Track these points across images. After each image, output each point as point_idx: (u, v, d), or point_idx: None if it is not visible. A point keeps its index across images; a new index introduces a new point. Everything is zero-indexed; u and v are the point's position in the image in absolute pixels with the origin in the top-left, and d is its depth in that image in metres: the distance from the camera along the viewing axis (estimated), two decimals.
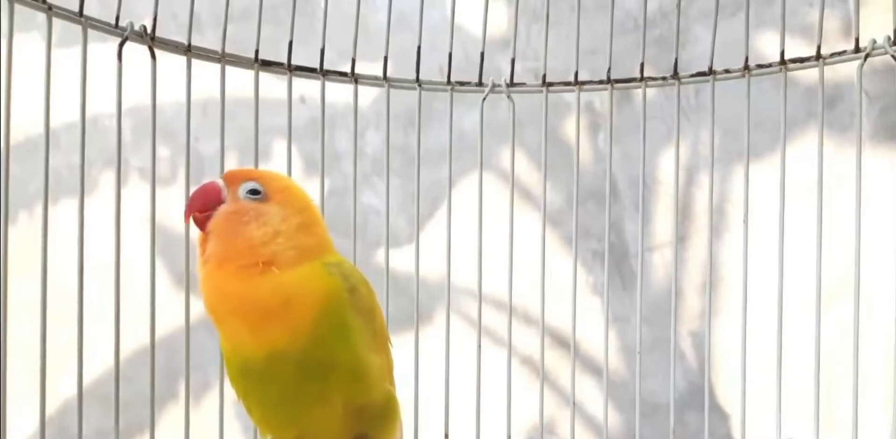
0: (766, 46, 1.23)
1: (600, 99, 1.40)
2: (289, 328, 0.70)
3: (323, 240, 0.76)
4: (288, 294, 0.71)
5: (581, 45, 1.02)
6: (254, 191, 0.74)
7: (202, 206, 0.75)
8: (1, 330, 0.74)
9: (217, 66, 0.93)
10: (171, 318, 0.92)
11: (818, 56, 0.95)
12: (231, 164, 1.01)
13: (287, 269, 0.72)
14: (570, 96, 1.23)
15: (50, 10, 0.80)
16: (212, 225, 0.74)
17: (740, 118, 0.97)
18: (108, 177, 1.50)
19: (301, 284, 0.72)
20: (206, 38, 1.06)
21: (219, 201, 0.75)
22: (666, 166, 1.36)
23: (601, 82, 1.02)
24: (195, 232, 0.76)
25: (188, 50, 0.91)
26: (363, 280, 0.77)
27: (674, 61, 1.01)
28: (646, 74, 1.02)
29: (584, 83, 1.03)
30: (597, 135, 1.42)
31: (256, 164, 0.95)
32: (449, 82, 1.02)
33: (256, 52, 0.95)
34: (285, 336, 0.70)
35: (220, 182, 0.76)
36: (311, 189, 0.89)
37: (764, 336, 0.97)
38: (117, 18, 0.86)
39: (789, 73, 0.97)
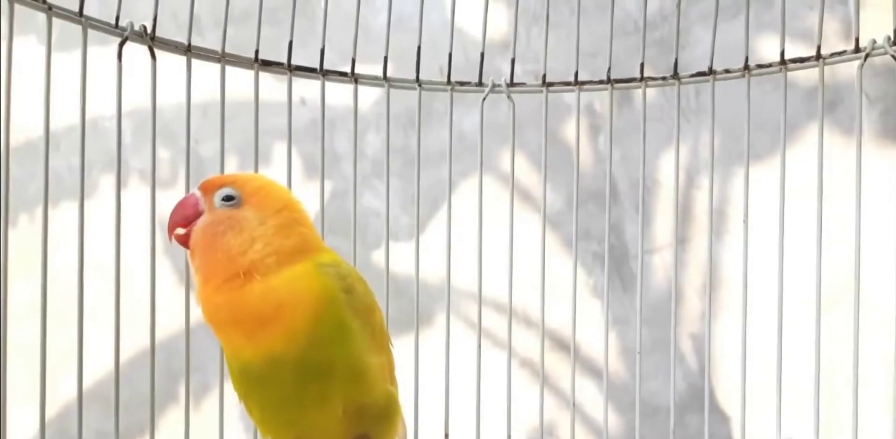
0: (766, 49, 1.23)
1: (600, 100, 1.40)
2: (284, 332, 0.70)
3: (306, 240, 0.75)
4: (279, 298, 0.70)
5: (581, 46, 1.03)
6: (228, 198, 0.73)
7: (182, 221, 0.74)
8: (1, 331, 0.74)
9: (217, 67, 0.93)
10: (171, 320, 0.92)
11: (818, 56, 0.95)
12: (231, 166, 1.01)
13: (270, 275, 0.71)
14: (570, 97, 1.23)
15: (50, 11, 0.80)
16: (192, 240, 0.73)
17: (740, 119, 0.98)
18: (109, 179, 1.50)
19: (292, 287, 0.71)
20: (206, 39, 1.06)
21: (197, 213, 0.74)
22: (666, 168, 1.36)
23: (601, 82, 1.03)
24: None
25: (188, 50, 0.91)
26: (360, 280, 0.76)
27: (674, 62, 1.01)
28: (645, 75, 1.02)
29: (584, 83, 1.03)
30: (597, 136, 1.42)
31: (256, 166, 0.95)
32: (449, 82, 1.03)
33: (256, 52, 0.95)
34: (281, 340, 0.70)
35: (198, 193, 0.75)
36: (311, 190, 0.89)
37: (764, 337, 0.97)
38: (117, 18, 0.86)
39: (789, 75, 0.97)
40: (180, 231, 0.74)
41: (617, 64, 1.03)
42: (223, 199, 0.73)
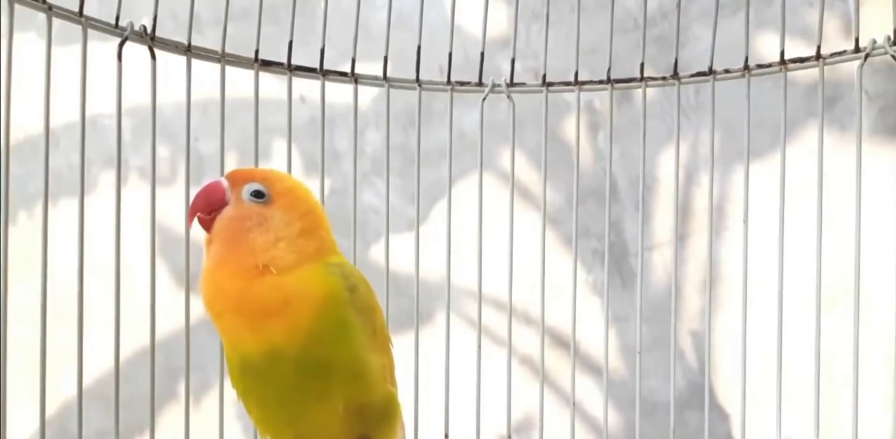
0: (766, 46, 1.23)
1: (600, 98, 1.40)
2: (287, 325, 0.70)
3: (325, 243, 0.76)
4: (287, 293, 0.71)
5: (581, 44, 1.02)
6: (257, 194, 0.74)
7: (205, 207, 0.74)
8: (1, 330, 0.74)
9: (217, 66, 0.93)
10: (170, 318, 0.92)
11: (818, 56, 0.95)
12: (231, 164, 1.01)
13: (285, 272, 0.71)
14: (570, 96, 1.23)
15: (50, 10, 0.80)
16: (215, 229, 0.74)
17: (740, 118, 0.98)
18: (108, 177, 1.50)
19: (300, 284, 0.71)
20: (206, 38, 1.06)
21: (222, 202, 0.74)
22: (666, 165, 1.36)
23: (601, 82, 1.03)
24: (196, 231, 0.76)
25: (188, 50, 0.91)
26: (363, 279, 0.77)
27: (674, 61, 1.01)
28: (646, 74, 1.02)
29: (584, 83, 1.03)
30: (597, 134, 1.42)
31: (256, 164, 0.95)
32: (449, 82, 1.02)
33: (256, 52, 0.95)
34: (284, 333, 0.70)
35: (225, 181, 0.75)
36: (311, 188, 0.89)
37: (764, 335, 0.97)
38: (117, 18, 0.86)
39: (789, 73, 0.97)
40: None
41: (617, 61, 1.02)
42: (252, 194, 0.74)
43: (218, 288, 0.72)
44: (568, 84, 1.03)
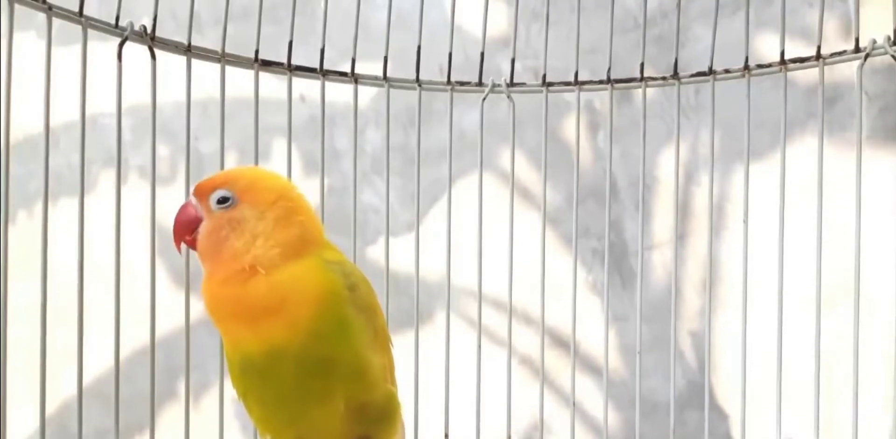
0: (766, 46, 1.23)
1: (600, 98, 1.40)
2: (287, 324, 0.70)
3: (307, 228, 0.74)
4: (285, 291, 0.71)
5: (581, 44, 1.03)
6: (222, 200, 0.73)
7: (185, 231, 0.74)
8: (1, 330, 0.74)
9: (217, 66, 0.93)
10: (170, 318, 0.92)
11: (818, 56, 0.95)
12: (231, 164, 1.01)
13: (273, 269, 0.71)
14: (570, 96, 1.23)
15: (50, 10, 0.80)
16: (199, 248, 0.74)
17: (740, 118, 0.98)
18: (108, 176, 1.50)
19: (298, 282, 0.71)
20: (206, 38, 1.06)
21: (197, 221, 0.74)
22: (666, 165, 1.36)
23: (601, 82, 1.03)
24: None
25: (188, 50, 0.91)
26: (364, 278, 0.77)
27: (674, 61, 1.01)
28: (646, 74, 1.02)
29: (584, 83, 1.03)
30: (597, 134, 1.42)
31: (256, 164, 0.95)
32: (449, 82, 1.02)
33: (256, 52, 0.95)
34: (283, 332, 0.70)
35: (193, 199, 0.74)
36: (311, 187, 0.89)
37: (764, 335, 0.97)
38: (117, 18, 0.86)
39: (789, 73, 0.97)
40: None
41: (617, 61, 1.02)
42: (218, 202, 0.73)
43: (214, 296, 0.72)
44: (568, 84, 1.03)
